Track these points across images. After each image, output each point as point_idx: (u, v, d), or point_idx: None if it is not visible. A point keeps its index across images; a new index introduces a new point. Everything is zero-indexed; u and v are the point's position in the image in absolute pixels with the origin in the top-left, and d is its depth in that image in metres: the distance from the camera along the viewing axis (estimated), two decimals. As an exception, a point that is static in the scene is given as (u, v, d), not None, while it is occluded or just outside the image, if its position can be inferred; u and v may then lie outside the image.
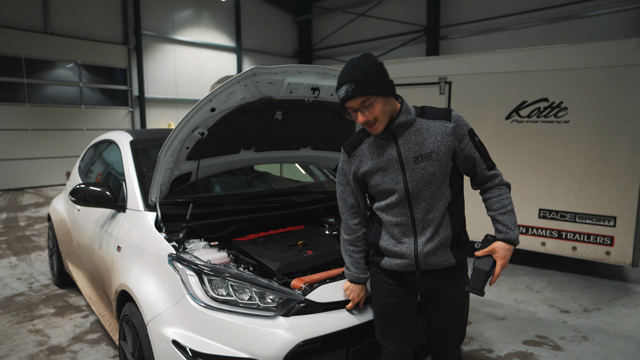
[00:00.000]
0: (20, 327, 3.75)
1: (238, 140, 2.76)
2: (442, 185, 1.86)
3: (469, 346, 3.41)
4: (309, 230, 2.94)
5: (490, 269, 1.85)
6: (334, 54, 18.50)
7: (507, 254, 1.87)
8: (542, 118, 4.81)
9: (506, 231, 1.88)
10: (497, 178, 1.93)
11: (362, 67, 1.76)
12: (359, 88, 1.74)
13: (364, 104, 1.77)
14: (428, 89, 5.47)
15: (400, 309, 2.02)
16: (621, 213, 4.48)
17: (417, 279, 1.94)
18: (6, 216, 8.67)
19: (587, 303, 4.29)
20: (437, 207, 1.87)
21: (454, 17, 14.82)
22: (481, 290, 1.85)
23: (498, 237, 1.90)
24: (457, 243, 1.93)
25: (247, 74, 2.24)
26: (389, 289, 2.01)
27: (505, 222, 1.88)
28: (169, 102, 15.81)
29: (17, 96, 12.33)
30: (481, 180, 1.94)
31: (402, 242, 1.91)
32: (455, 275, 1.96)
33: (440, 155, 1.82)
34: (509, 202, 1.91)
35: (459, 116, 1.87)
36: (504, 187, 1.93)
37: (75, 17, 13.26)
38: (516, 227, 1.89)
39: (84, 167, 4.35)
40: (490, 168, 1.91)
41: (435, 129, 1.84)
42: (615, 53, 4.40)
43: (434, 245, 1.88)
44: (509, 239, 1.87)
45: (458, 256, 1.93)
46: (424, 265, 1.90)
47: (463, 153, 1.86)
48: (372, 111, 1.77)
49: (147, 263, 2.43)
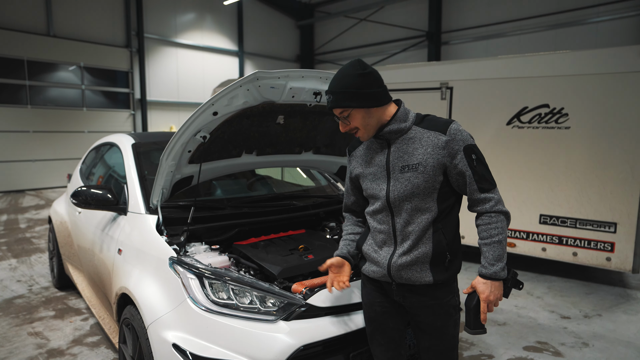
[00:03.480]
0: (19, 329, 3.74)
1: (240, 144, 2.77)
2: (426, 200, 1.77)
3: (469, 351, 3.41)
4: (310, 235, 2.94)
5: (473, 305, 1.76)
6: (336, 59, 18.55)
7: (485, 289, 1.73)
8: (543, 124, 4.82)
9: (485, 265, 1.75)
10: (489, 203, 1.75)
11: (344, 79, 1.76)
12: (335, 100, 1.78)
13: (343, 115, 1.81)
14: (429, 94, 5.48)
15: (386, 317, 1.97)
16: (622, 219, 4.48)
17: (394, 290, 1.88)
18: (6, 218, 8.68)
19: (588, 309, 4.28)
20: (418, 221, 1.78)
21: (455, 22, 14.87)
22: (472, 329, 1.77)
23: (477, 271, 1.79)
24: (439, 262, 1.80)
25: (250, 78, 2.25)
26: (373, 295, 1.98)
27: (487, 254, 1.75)
28: (171, 105, 15.85)
29: (19, 98, 12.36)
30: (472, 202, 1.80)
31: (381, 249, 1.87)
32: (434, 294, 1.83)
33: (427, 168, 1.74)
34: (497, 232, 1.74)
35: (458, 130, 1.75)
36: (497, 214, 1.75)
37: (78, 20, 13.32)
38: (499, 261, 1.73)
39: (85, 170, 4.36)
40: (483, 190, 1.74)
41: (427, 140, 1.76)
42: (616, 60, 4.41)
43: (409, 259, 1.79)
44: (485, 274, 1.74)
45: (438, 276, 1.79)
46: (397, 278, 1.82)
47: (456, 170, 1.75)
48: (351, 121, 1.80)
49: (148, 266, 2.43)
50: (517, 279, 1.81)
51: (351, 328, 2.13)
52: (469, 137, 1.77)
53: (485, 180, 1.75)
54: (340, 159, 3.31)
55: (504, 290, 1.78)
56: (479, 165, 1.75)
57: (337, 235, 2.99)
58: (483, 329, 1.78)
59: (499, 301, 1.76)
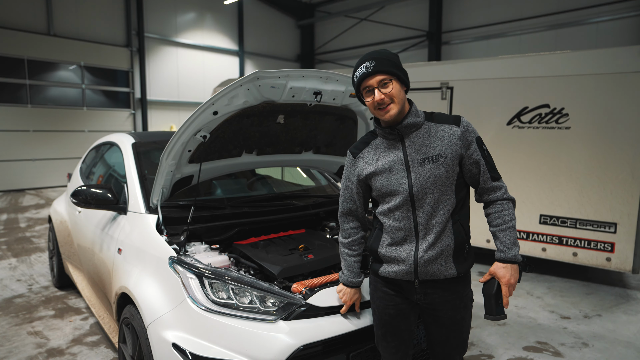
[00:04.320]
0: (19, 329, 3.74)
1: (240, 144, 2.77)
2: (447, 191, 1.83)
3: (469, 352, 3.41)
4: (310, 234, 2.94)
5: (495, 291, 1.81)
6: (336, 58, 18.55)
7: (506, 273, 1.82)
8: (544, 124, 4.82)
9: (503, 249, 1.83)
10: (500, 191, 1.87)
11: (385, 52, 1.83)
12: (379, 65, 1.77)
13: (382, 82, 1.77)
14: (430, 94, 5.48)
15: (399, 320, 1.98)
16: (622, 219, 4.48)
17: (416, 288, 1.88)
18: (6, 217, 8.68)
19: (588, 309, 4.28)
20: (440, 213, 1.82)
21: (456, 22, 14.87)
22: (495, 315, 1.80)
23: (495, 256, 1.86)
24: (459, 253, 1.86)
25: (250, 78, 2.25)
26: (387, 299, 1.97)
27: (503, 239, 1.84)
28: (171, 104, 15.85)
29: (19, 97, 12.36)
30: (484, 191, 1.89)
31: (402, 247, 1.86)
32: (456, 288, 1.89)
33: (447, 158, 1.80)
34: (510, 218, 1.85)
35: (468, 123, 1.86)
36: (507, 201, 1.87)
37: (79, 19, 13.32)
38: (515, 245, 1.83)
39: (85, 169, 4.36)
40: (495, 179, 1.86)
41: (443, 133, 1.82)
42: (616, 60, 4.41)
43: (434, 253, 1.82)
44: (504, 259, 1.82)
45: (460, 267, 1.86)
46: (423, 274, 1.83)
47: (470, 159, 1.84)
48: (389, 90, 1.77)
49: (148, 266, 2.43)
50: (525, 262, 1.89)
51: (351, 328, 2.12)
52: (476, 130, 1.90)
53: (495, 170, 1.88)
54: (341, 158, 3.30)
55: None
56: (488, 156, 1.88)
57: (337, 235, 2.99)
58: (504, 314, 1.83)
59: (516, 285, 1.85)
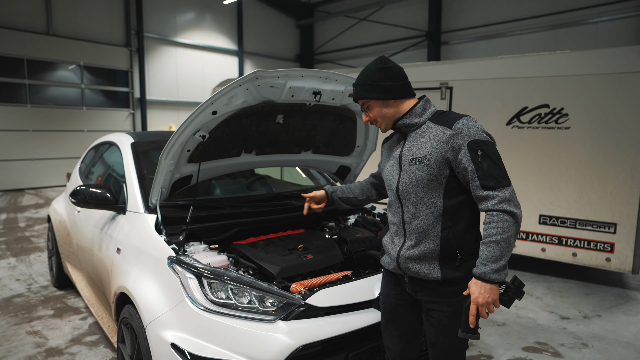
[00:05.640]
0: (18, 328, 3.74)
1: (239, 144, 2.77)
2: (431, 194, 1.79)
3: (468, 352, 3.40)
4: (309, 234, 2.93)
5: (465, 306, 1.68)
6: (336, 58, 18.55)
7: (475, 290, 1.64)
8: (543, 124, 4.82)
9: (477, 264, 1.68)
10: (491, 201, 1.67)
11: (365, 72, 1.91)
12: (356, 92, 1.95)
13: (364, 106, 1.95)
14: (429, 94, 5.47)
15: (399, 310, 2.02)
16: (621, 220, 4.48)
17: (406, 283, 1.95)
18: (6, 217, 8.67)
19: (587, 310, 4.28)
20: (422, 215, 1.80)
21: (455, 22, 14.86)
22: (463, 332, 1.67)
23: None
24: (448, 260, 1.79)
25: (249, 78, 2.25)
26: (389, 287, 2.07)
27: (481, 254, 1.67)
28: (171, 104, 15.84)
29: (18, 97, 12.35)
30: (477, 200, 1.74)
31: (393, 241, 1.95)
32: (444, 292, 1.83)
33: (431, 161, 1.76)
34: (495, 232, 1.64)
35: (466, 125, 1.73)
36: (499, 213, 1.66)
37: (78, 19, 13.31)
38: (492, 262, 1.62)
39: (84, 169, 4.35)
40: (487, 188, 1.67)
41: (434, 134, 1.80)
42: (616, 60, 4.41)
43: (415, 253, 1.82)
44: (475, 273, 1.67)
45: (447, 273, 1.79)
46: (405, 270, 1.89)
47: (460, 165, 1.73)
48: (370, 112, 1.94)
49: (147, 265, 2.43)
50: (521, 289, 1.66)
51: (350, 328, 2.13)
52: (478, 133, 1.72)
53: (491, 178, 1.67)
54: (340, 158, 3.30)
55: (504, 298, 1.66)
56: (485, 161, 1.68)
57: (336, 235, 2.99)
58: (474, 333, 1.66)
59: (493, 307, 1.64)
